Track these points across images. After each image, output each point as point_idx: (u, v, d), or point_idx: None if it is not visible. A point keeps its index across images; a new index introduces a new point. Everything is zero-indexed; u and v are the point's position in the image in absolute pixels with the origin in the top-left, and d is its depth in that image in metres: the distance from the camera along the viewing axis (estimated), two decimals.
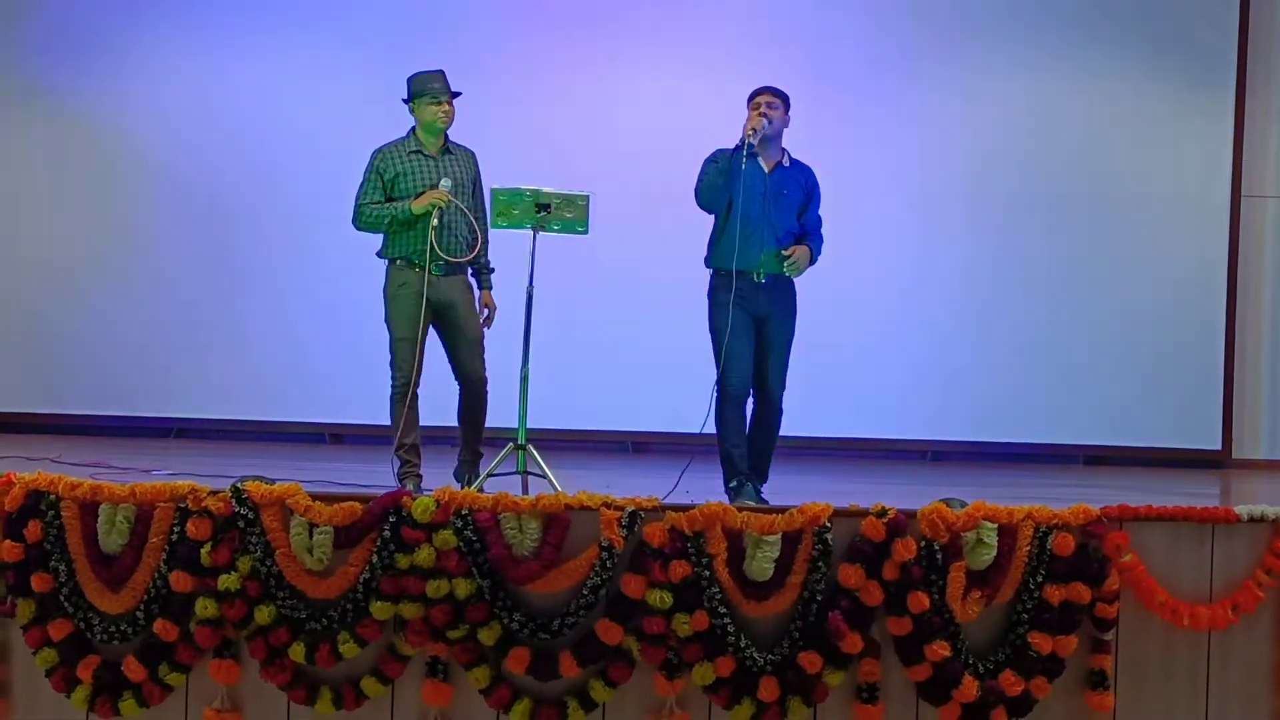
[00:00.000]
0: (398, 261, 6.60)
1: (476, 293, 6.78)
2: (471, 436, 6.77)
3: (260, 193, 9.77)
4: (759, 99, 6.51)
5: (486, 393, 6.71)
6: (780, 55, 9.61)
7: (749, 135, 6.34)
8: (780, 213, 6.48)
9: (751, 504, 5.98)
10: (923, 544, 5.46)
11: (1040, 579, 5.52)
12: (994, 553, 5.49)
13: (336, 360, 9.51)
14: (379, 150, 6.69)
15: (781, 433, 8.90)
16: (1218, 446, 9.62)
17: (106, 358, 9.87)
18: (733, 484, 6.47)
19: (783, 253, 6.41)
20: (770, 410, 6.58)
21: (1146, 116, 9.64)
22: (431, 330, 6.65)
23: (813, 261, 6.59)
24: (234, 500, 5.51)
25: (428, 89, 6.60)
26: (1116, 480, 8.31)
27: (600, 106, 9.55)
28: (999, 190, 9.64)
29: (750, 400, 6.57)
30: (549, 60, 9.69)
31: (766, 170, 6.50)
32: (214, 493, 5.56)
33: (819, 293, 9.48)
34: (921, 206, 9.64)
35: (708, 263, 6.56)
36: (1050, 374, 9.61)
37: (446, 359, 6.71)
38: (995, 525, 5.50)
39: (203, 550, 5.48)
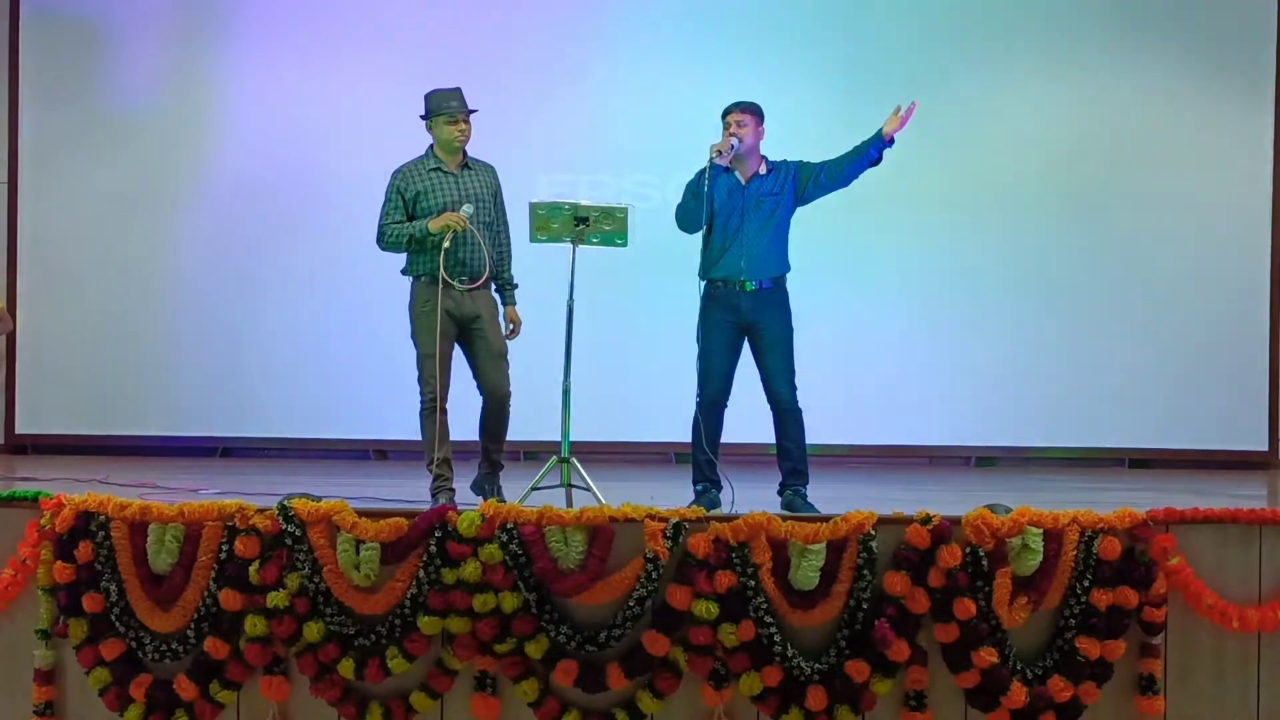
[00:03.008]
0: (422, 278, 6.61)
1: (501, 307, 6.81)
2: (492, 447, 6.75)
3: (302, 213, 9.84)
4: (729, 118, 6.58)
5: (509, 408, 6.72)
6: (815, 56, 9.65)
7: (714, 157, 6.45)
8: (760, 221, 6.54)
9: (717, 512, 5.96)
10: (968, 550, 5.45)
11: (1087, 584, 5.50)
12: (1040, 558, 5.48)
13: (380, 377, 9.56)
14: (399, 170, 6.71)
15: (824, 440, 8.96)
16: (1264, 448, 9.55)
17: (152, 379, 9.96)
18: (698, 487, 6.58)
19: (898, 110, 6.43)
20: (786, 414, 6.59)
21: (1186, 118, 9.60)
22: (457, 344, 6.69)
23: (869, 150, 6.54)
24: (281, 518, 5.55)
25: (444, 108, 6.61)
26: (1162, 483, 8.26)
27: (641, 110, 9.57)
28: (1041, 194, 9.60)
29: (770, 411, 6.65)
30: (580, 68, 9.75)
31: (744, 182, 6.58)
32: (261, 511, 5.60)
33: (860, 298, 9.57)
34: (961, 210, 9.61)
35: (699, 275, 6.65)
36: (1094, 377, 9.56)
37: (471, 373, 6.74)
38: (1040, 530, 5.49)
39: (251, 568, 5.53)
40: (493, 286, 6.74)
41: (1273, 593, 5.65)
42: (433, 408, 6.57)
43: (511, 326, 6.80)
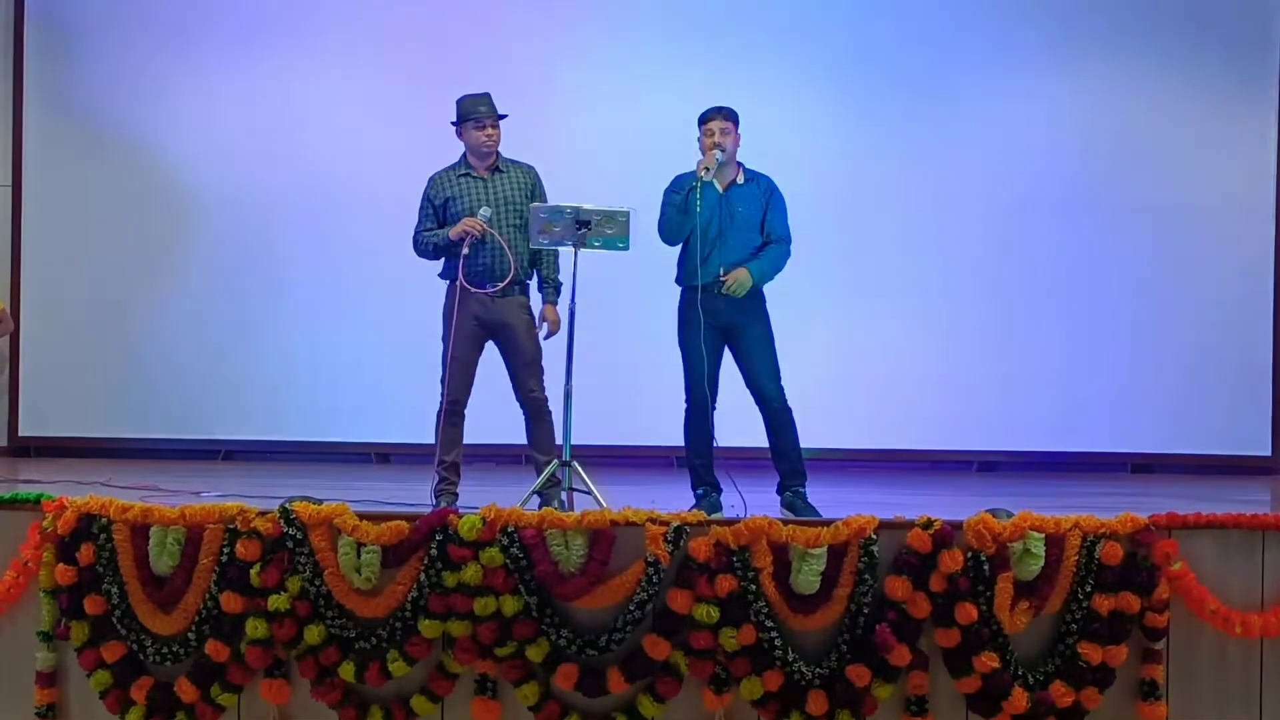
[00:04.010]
0: (453, 282, 6.65)
1: (536, 310, 6.81)
2: (540, 459, 6.71)
3: (305, 217, 9.85)
4: (710, 124, 6.58)
5: (548, 412, 6.72)
6: (818, 60, 9.66)
7: (702, 174, 6.49)
8: (736, 229, 6.59)
9: (718, 516, 5.98)
10: (969, 555, 5.44)
11: (1089, 589, 5.49)
12: (1041, 563, 5.47)
13: (382, 380, 9.58)
14: (432, 176, 6.79)
15: (826, 445, 8.99)
16: (1267, 453, 9.54)
17: (154, 382, 9.97)
18: (699, 491, 6.59)
19: (720, 278, 6.51)
20: (776, 412, 6.61)
21: (1188, 120, 9.59)
22: (492, 350, 6.69)
23: (771, 272, 6.65)
24: (282, 521, 5.55)
25: (473, 113, 6.66)
26: (1164, 488, 8.25)
27: (653, 114, 9.57)
28: (1043, 197, 9.60)
29: (759, 410, 6.67)
30: (592, 72, 9.75)
31: (721, 190, 6.61)
32: (262, 514, 5.60)
33: (861, 302, 9.57)
34: (963, 213, 9.61)
35: (676, 281, 6.70)
36: (1096, 382, 9.56)
37: (509, 380, 6.75)
38: (1042, 535, 5.48)
39: (252, 571, 5.53)
40: (526, 291, 6.75)
41: (1275, 598, 5.63)
42: (449, 410, 6.60)
43: (546, 326, 6.81)
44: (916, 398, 9.55)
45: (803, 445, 6.65)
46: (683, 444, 6.71)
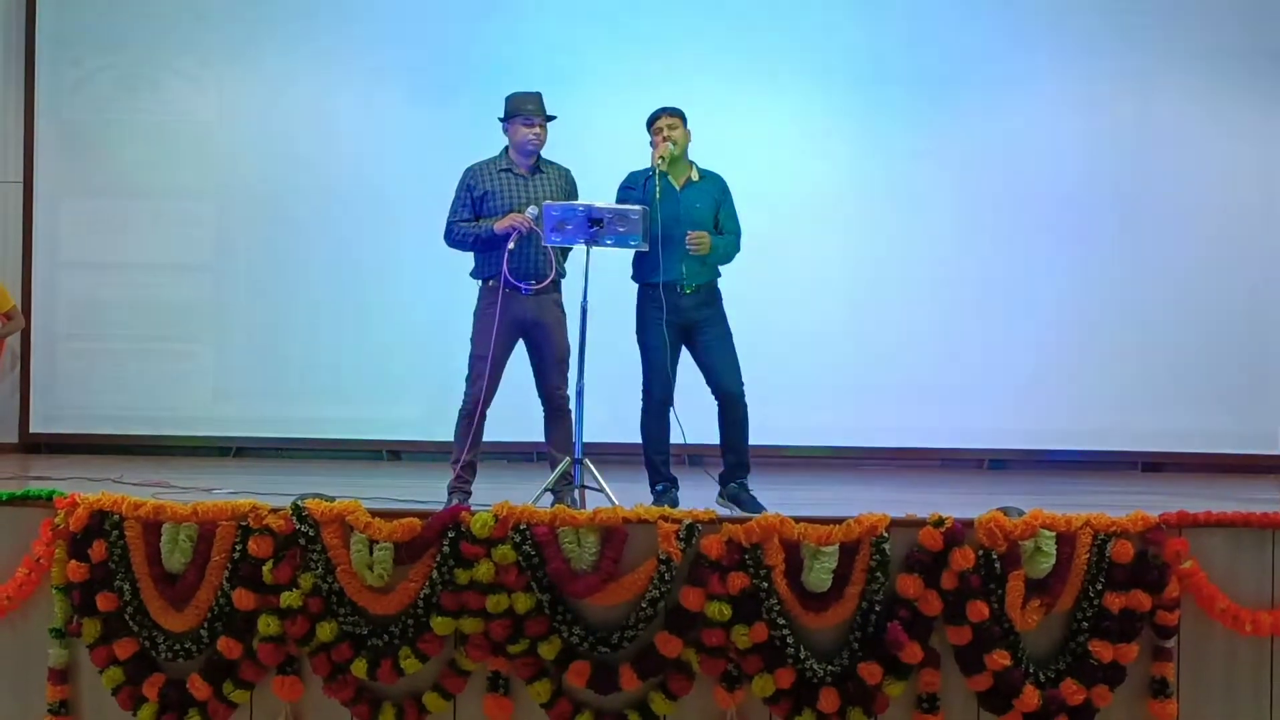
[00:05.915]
0: (489, 281, 6.62)
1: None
2: (558, 456, 6.65)
3: (315, 215, 9.84)
4: (659, 123, 6.63)
5: (569, 411, 6.69)
6: (831, 63, 9.64)
7: (658, 165, 6.52)
8: (694, 225, 6.58)
9: (677, 509, 5.95)
10: (981, 553, 5.45)
11: (1100, 587, 5.50)
12: (1053, 561, 5.48)
13: (393, 378, 9.58)
14: (470, 168, 6.73)
15: (837, 443, 8.96)
16: (1277, 451, 9.52)
17: (166, 379, 9.97)
18: (659, 488, 6.60)
19: (688, 235, 6.50)
20: (734, 407, 6.63)
21: (1202, 121, 9.56)
22: (520, 348, 6.71)
23: (724, 257, 6.68)
24: (295, 518, 5.57)
25: (521, 110, 6.65)
26: (1175, 486, 8.24)
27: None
28: (1054, 197, 9.58)
29: (716, 404, 6.67)
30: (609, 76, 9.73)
31: (678, 187, 6.64)
32: (275, 511, 5.62)
33: (871, 302, 9.56)
34: (975, 214, 9.59)
35: (634, 278, 6.69)
36: (1107, 381, 9.54)
37: (533, 375, 6.75)
38: (1053, 533, 5.49)
39: (264, 568, 5.55)
40: (559, 288, 6.74)
41: None
42: (472, 409, 6.57)
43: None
44: (928, 396, 9.53)
45: (815, 444, 6.67)
46: (697, 440, 6.68)
